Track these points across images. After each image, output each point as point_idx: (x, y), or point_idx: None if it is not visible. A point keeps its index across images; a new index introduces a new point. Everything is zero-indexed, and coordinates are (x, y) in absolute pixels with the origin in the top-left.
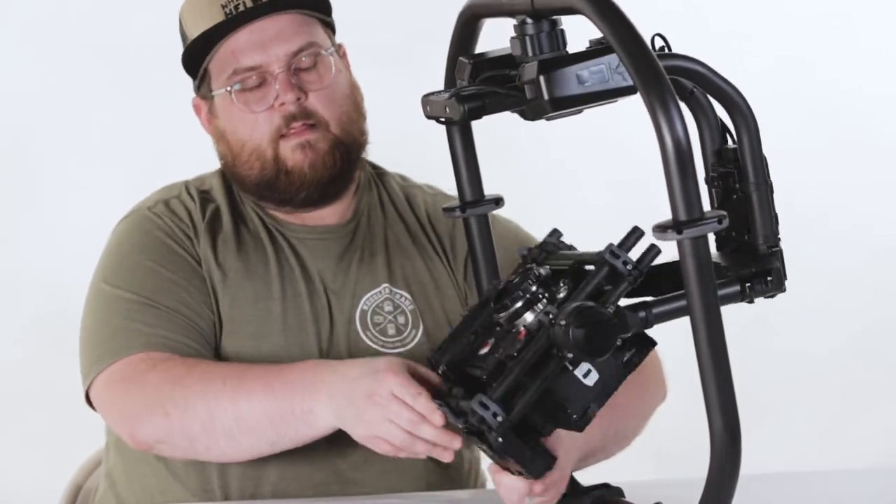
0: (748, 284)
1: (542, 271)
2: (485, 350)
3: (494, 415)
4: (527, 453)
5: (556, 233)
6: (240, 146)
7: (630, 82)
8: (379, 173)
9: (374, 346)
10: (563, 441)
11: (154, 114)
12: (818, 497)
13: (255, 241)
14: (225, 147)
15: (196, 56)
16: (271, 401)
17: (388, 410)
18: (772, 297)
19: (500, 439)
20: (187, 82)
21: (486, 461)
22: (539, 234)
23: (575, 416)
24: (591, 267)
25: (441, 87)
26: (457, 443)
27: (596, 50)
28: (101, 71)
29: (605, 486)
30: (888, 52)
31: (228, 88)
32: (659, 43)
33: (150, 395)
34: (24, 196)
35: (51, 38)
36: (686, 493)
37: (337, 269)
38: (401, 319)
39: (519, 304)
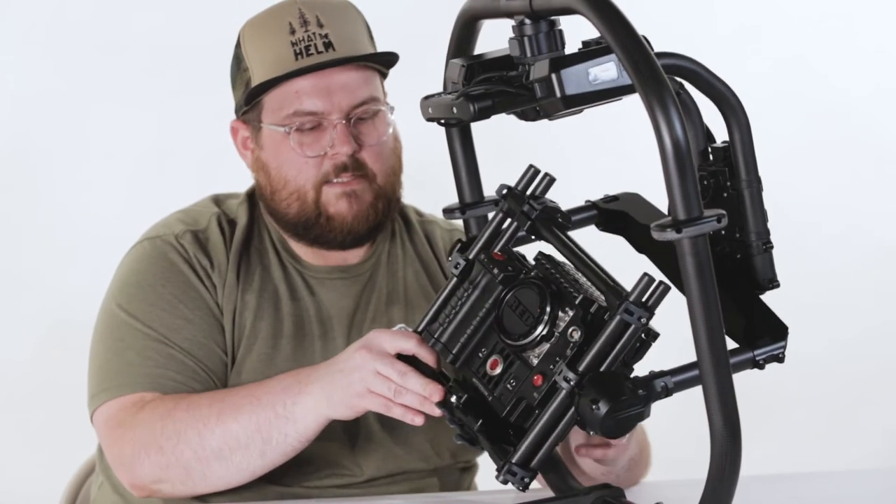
0: (761, 358)
1: (541, 284)
2: (494, 371)
3: (522, 478)
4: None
5: (533, 171)
6: (282, 183)
7: None
8: (399, 209)
9: None
10: None
11: (157, 115)
12: (818, 497)
13: (269, 281)
14: (265, 180)
15: (257, 87)
16: (256, 407)
17: (377, 363)
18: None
19: (524, 490)
20: (191, 84)
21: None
22: None
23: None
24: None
25: (439, 88)
26: (437, 395)
27: (605, 48)
28: (104, 72)
29: (606, 486)
30: (892, 52)
31: (287, 128)
32: None
33: (142, 435)
34: (27, 198)
35: (52, 39)
36: (686, 493)
37: (356, 309)
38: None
39: (538, 333)
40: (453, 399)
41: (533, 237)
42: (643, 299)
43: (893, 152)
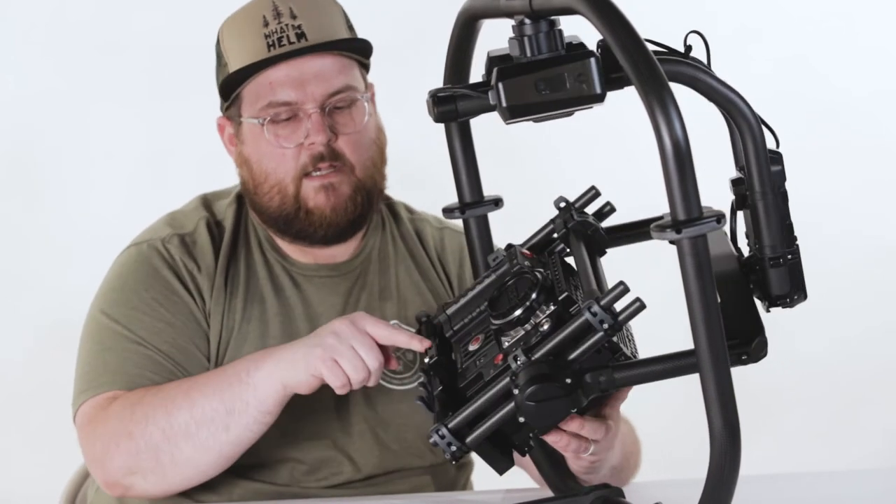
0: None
1: (539, 275)
2: (474, 346)
3: (449, 444)
4: (488, 454)
5: (594, 192)
6: (263, 177)
7: (596, 90)
8: (389, 206)
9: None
10: (618, 398)
11: (157, 115)
12: (818, 497)
13: (255, 283)
14: (247, 174)
15: (232, 79)
16: (221, 378)
17: (356, 340)
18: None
19: (453, 462)
20: (191, 84)
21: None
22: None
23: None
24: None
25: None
26: (418, 344)
27: (559, 57)
28: (104, 72)
29: (606, 486)
30: (893, 51)
31: (261, 120)
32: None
33: (112, 426)
34: (28, 198)
35: (52, 39)
36: (686, 493)
37: (345, 306)
38: (409, 356)
39: (515, 315)
40: (426, 360)
41: (568, 249)
42: (612, 306)
43: (894, 152)
